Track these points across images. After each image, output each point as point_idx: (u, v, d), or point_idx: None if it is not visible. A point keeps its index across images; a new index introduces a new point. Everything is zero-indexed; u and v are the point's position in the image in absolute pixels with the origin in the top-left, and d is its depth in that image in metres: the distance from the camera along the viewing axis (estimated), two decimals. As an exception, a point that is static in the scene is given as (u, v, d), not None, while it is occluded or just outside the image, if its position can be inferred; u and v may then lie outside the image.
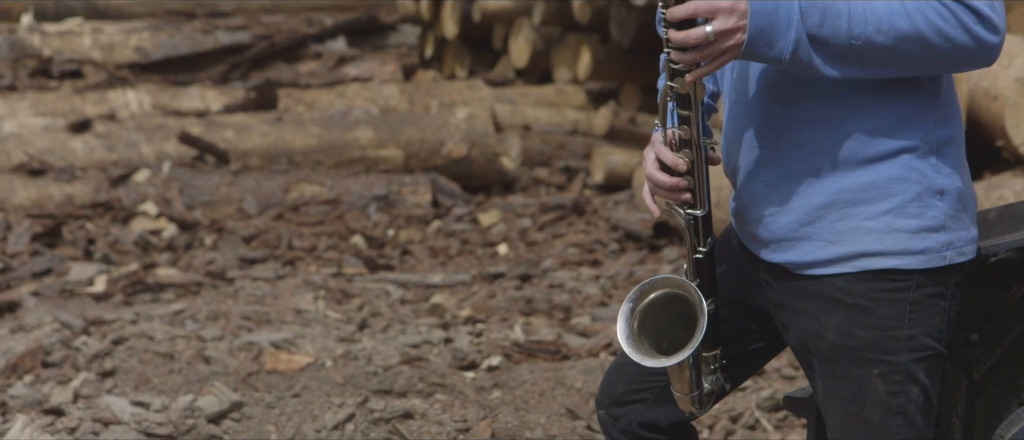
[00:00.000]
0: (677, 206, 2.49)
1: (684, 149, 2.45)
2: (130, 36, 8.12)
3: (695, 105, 2.41)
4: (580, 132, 8.59)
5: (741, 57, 2.37)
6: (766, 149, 2.48)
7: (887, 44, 2.35)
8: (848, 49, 2.35)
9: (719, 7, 2.33)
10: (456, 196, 7.50)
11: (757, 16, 2.34)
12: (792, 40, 2.34)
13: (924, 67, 2.40)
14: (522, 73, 9.55)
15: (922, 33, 2.35)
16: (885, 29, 2.34)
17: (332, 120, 7.73)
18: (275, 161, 7.51)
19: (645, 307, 2.49)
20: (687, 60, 2.37)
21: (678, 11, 2.34)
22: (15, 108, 7.57)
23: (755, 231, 2.52)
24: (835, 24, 2.34)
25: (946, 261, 2.45)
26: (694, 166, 2.45)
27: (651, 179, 2.49)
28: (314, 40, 8.42)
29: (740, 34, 2.34)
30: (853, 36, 2.34)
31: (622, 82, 8.89)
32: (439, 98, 8.21)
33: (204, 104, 7.86)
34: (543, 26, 9.18)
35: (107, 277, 6.17)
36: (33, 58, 7.91)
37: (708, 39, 2.34)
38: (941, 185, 2.45)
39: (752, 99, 2.49)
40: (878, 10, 2.35)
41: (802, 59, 2.35)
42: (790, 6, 2.34)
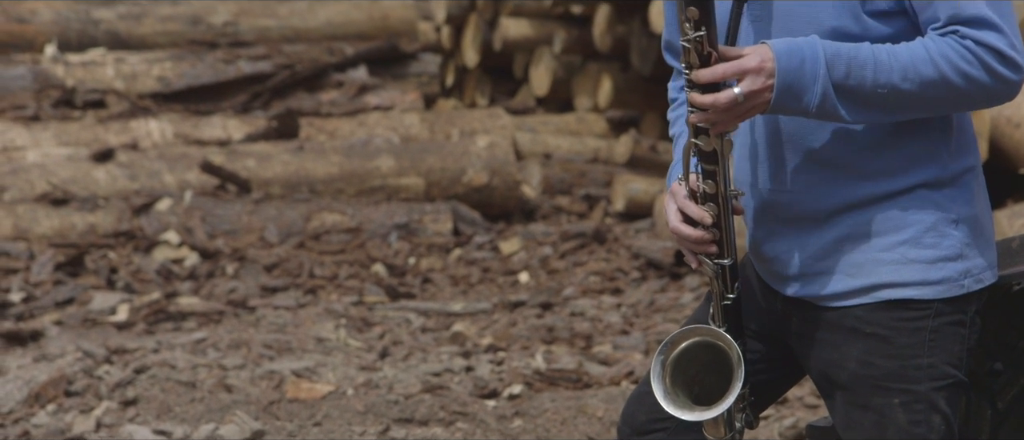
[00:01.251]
0: (704, 256, 2.48)
1: (709, 203, 2.44)
2: (152, 66, 8.15)
3: (722, 160, 2.40)
4: (601, 160, 8.59)
5: (766, 112, 2.37)
6: (778, 188, 2.48)
7: (912, 90, 2.35)
8: (873, 97, 2.35)
9: (747, 68, 2.33)
10: (477, 224, 7.51)
11: (784, 73, 2.33)
12: (819, 93, 2.34)
13: (948, 108, 2.41)
14: (543, 101, 9.56)
15: (947, 77, 2.35)
16: (911, 76, 2.34)
17: (353, 149, 7.75)
18: (296, 190, 7.52)
19: (676, 357, 2.48)
20: (713, 121, 2.35)
21: (705, 75, 2.33)
22: (39, 138, 7.61)
23: (771, 267, 2.53)
24: (861, 74, 2.34)
25: (964, 289, 2.45)
26: (720, 218, 2.45)
27: (676, 232, 2.48)
28: (335, 69, 8.44)
29: (768, 93, 2.33)
30: (879, 84, 2.34)
31: (643, 110, 8.89)
32: (460, 126, 8.22)
33: (226, 133, 7.88)
34: (564, 54, 9.19)
35: (129, 306, 6.19)
36: (57, 88, 7.94)
37: (737, 101, 2.33)
38: (956, 214, 2.45)
39: (764, 137, 2.49)
40: (902, 57, 2.35)
41: (828, 110, 2.35)
42: (816, 59, 2.33)
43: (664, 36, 2.65)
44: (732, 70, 2.32)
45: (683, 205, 2.46)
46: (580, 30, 9.05)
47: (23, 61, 8.03)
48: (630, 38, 8.58)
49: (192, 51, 8.34)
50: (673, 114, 2.68)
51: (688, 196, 2.46)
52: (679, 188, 2.48)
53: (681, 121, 2.62)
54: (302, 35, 8.62)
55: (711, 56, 2.33)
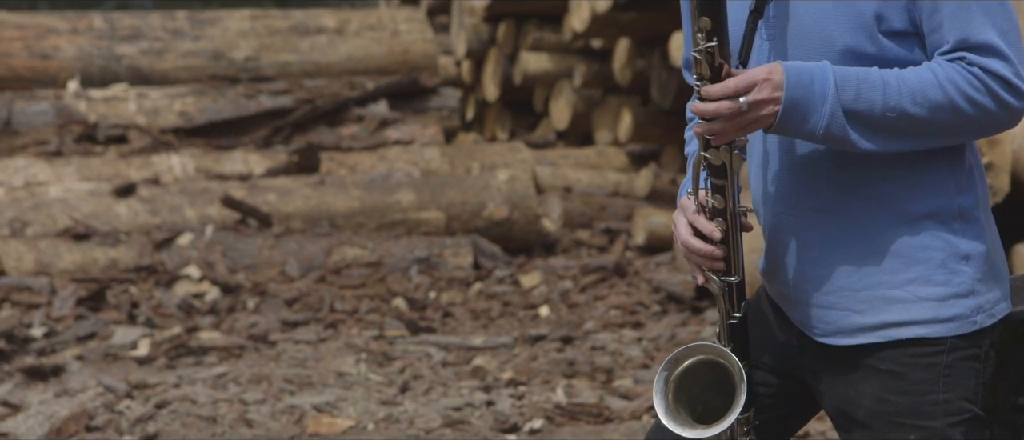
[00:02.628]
0: (711, 272, 2.48)
1: (718, 217, 2.44)
2: (174, 101, 8.19)
3: (730, 175, 2.40)
4: (621, 194, 8.59)
5: (772, 131, 2.36)
6: (788, 213, 2.48)
7: (921, 115, 2.35)
8: (883, 121, 2.35)
9: (755, 78, 2.32)
10: (497, 258, 7.51)
11: (792, 88, 2.32)
12: (826, 114, 2.33)
13: (955, 135, 2.41)
14: (563, 135, 9.57)
15: (955, 102, 2.35)
16: (920, 100, 2.34)
17: (374, 183, 7.76)
18: (317, 224, 7.54)
19: (680, 375, 2.48)
20: (717, 131, 2.35)
21: (715, 90, 2.33)
22: (61, 173, 7.64)
23: (782, 290, 2.53)
24: (871, 97, 2.34)
25: (977, 325, 2.44)
26: (728, 234, 2.44)
27: (685, 245, 2.48)
28: (356, 103, 8.46)
29: (773, 106, 2.32)
30: (888, 108, 2.34)
31: (663, 144, 8.90)
32: (480, 160, 8.24)
33: (247, 168, 7.91)
34: (584, 88, 9.21)
35: (150, 340, 6.20)
36: (79, 124, 7.98)
37: (740, 110, 2.33)
38: (966, 250, 2.44)
39: (774, 161, 2.49)
40: (911, 81, 2.35)
41: (835, 134, 2.35)
42: (825, 79, 2.33)
43: (683, 54, 2.66)
44: (743, 82, 2.32)
45: (693, 219, 2.46)
46: (600, 64, 9.07)
47: (46, 97, 8.08)
48: (650, 72, 8.59)
49: (213, 86, 8.37)
50: (689, 133, 2.68)
51: (697, 210, 2.46)
52: (689, 202, 2.47)
53: (694, 141, 2.63)
54: (323, 70, 8.66)
55: (722, 68, 2.33)
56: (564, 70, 9.33)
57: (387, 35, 8.82)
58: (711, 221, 2.44)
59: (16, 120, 7.95)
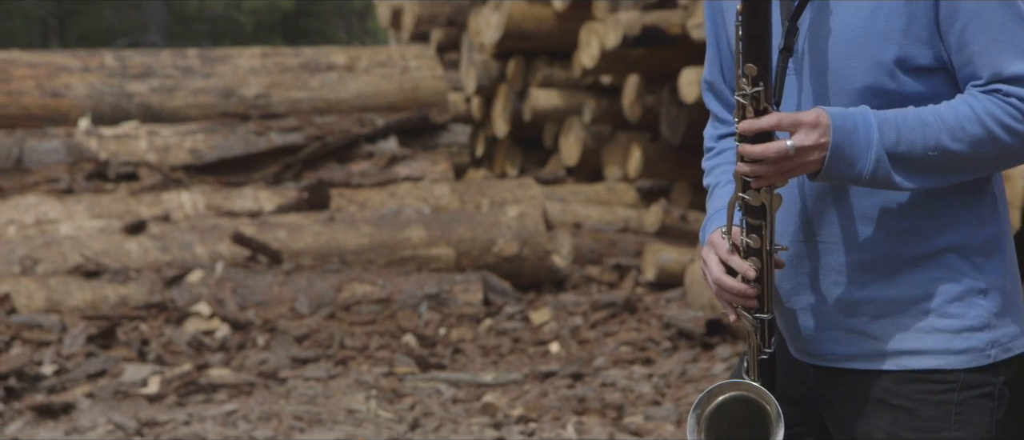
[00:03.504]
0: (743, 310, 2.47)
1: (752, 256, 2.42)
2: (185, 138, 8.21)
3: (769, 215, 2.38)
4: (631, 230, 8.60)
5: (818, 178, 2.34)
6: (808, 242, 2.48)
7: (962, 150, 2.35)
8: (924, 160, 2.34)
9: (802, 120, 2.31)
10: (507, 294, 7.51)
11: (838, 133, 2.31)
12: (872, 160, 2.33)
13: (997, 166, 2.41)
14: (573, 171, 9.58)
15: (994, 134, 2.35)
16: (959, 135, 2.34)
17: (384, 219, 7.77)
18: (327, 260, 7.55)
19: (711, 412, 2.47)
20: (761, 174, 2.34)
21: (758, 123, 2.32)
22: (72, 211, 7.66)
23: (796, 321, 2.52)
24: (911, 138, 2.34)
25: (990, 359, 2.43)
26: (762, 273, 2.44)
27: (718, 284, 2.46)
28: (366, 140, 8.48)
29: (820, 152, 2.31)
30: (929, 147, 2.34)
31: (673, 179, 8.90)
32: (490, 196, 8.24)
33: (257, 204, 7.92)
34: (593, 125, 9.22)
35: (160, 378, 6.20)
36: (90, 161, 8.00)
37: (788, 154, 2.32)
38: (984, 284, 2.44)
39: (794, 191, 2.49)
40: (948, 118, 2.35)
41: (881, 177, 2.34)
42: (868, 124, 2.33)
43: (705, 75, 2.65)
44: (787, 120, 2.31)
45: (727, 258, 2.44)
46: (610, 100, 9.08)
47: (57, 135, 8.10)
48: (659, 108, 8.60)
49: (224, 123, 8.39)
50: (709, 163, 2.66)
51: (731, 249, 2.45)
52: (721, 240, 2.46)
53: (718, 171, 2.61)
54: (333, 106, 8.68)
55: (767, 112, 2.32)
56: (574, 106, 9.35)
57: (397, 72, 8.84)
58: (746, 260, 2.43)
59: (28, 158, 7.97)
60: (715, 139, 2.66)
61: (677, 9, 7.96)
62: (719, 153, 2.63)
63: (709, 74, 2.63)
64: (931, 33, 2.38)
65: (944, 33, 2.37)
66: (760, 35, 2.32)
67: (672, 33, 7.92)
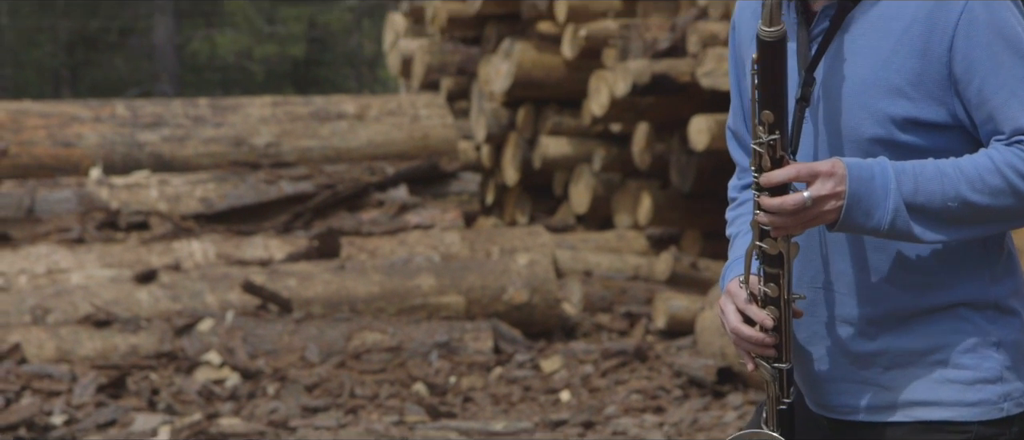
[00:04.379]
0: (761, 359, 2.47)
1: (770, 305, 2.42)
2: (196, 187, 8.23)
3: (786, 264, 2.38)
4: (641, 277, 8.59)
5: (837, 228, 2.34)
6: (821, 291, 2.48)
7: (982, 202, 2.34)
8: (944, 211, 2.34)
9: (819, 170, 2.32)
10: (518, 342, 7.50)
11: (855, 182, 2.32)
12: (891, 210, 2.32)
13: (1019, 220, 2.40)
14: (583, 219, 9.58)
15: (1015, 185, 2.35)
16: (979, 186, 2.34)
17: (394, 267, 7.78)
18: (338, 309, 7.55)
19: None
20: (778, 225, 2.34)
21: (776, 176, 2.32)
22: (83, 260, 7.67)
23: (811, 371, 2.52)
24: (929, 188, 2.33)
25: (1003, 413, 2.42)
26: (780, 322, 2.43)
27: (736, 333, 2.46)
28: (376, 188, 8.49)
29: (837, 201, 2.32)
30: (948, 197, 2.33)
31: (683, 227, 8.90)
32: (500, 244, 8.25)
33: (268, 253, 7.93)
34: (603, 172, 9.23)
35: (171, 427, 6.20)
36: (101, 210, 8.02)
37: (805, 205, 2.32)
38: (997, 337, 2.43)
39: (810, 241, 2.49)
40: (967, 169, 2.35)
41: (900, 228, 2.34)
42: (885, 174, 2.33)
43: (729, 123, 2.65)
44: (805, 171, 2.31)
45: (744, 308, 2.44)
46: (619, 148, 9.09)
47: (69, 184, 8.12)
48: (669, 156, 8.61)
49: (235, 172, 8.41)
50: (731, 213, 2.66)
51: (748, 299, 2.45)
52: (739, 289, 2.46)
53: (740, 220, 2.61)
54: (343, 155, 8.70)
55: (783, 160, 2.33)
56: (583, 154, 9.36)
57: (407, 120, 8.86)
58: (763, 309, 2.43)
59: (39, 208, 7.99)
60: (739, 189, 2.66)
61: (686, 58, 7.98)
62: (742, 204, 2.63)
63: (733, 122, 2.64)
64: (944, 89, 2.38)
65: (961, 90, 2.37)
66: (776, 83, 2.33)
67: (681, 81, 7.94)
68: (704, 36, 7.76)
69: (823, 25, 2.43)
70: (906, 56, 2.38)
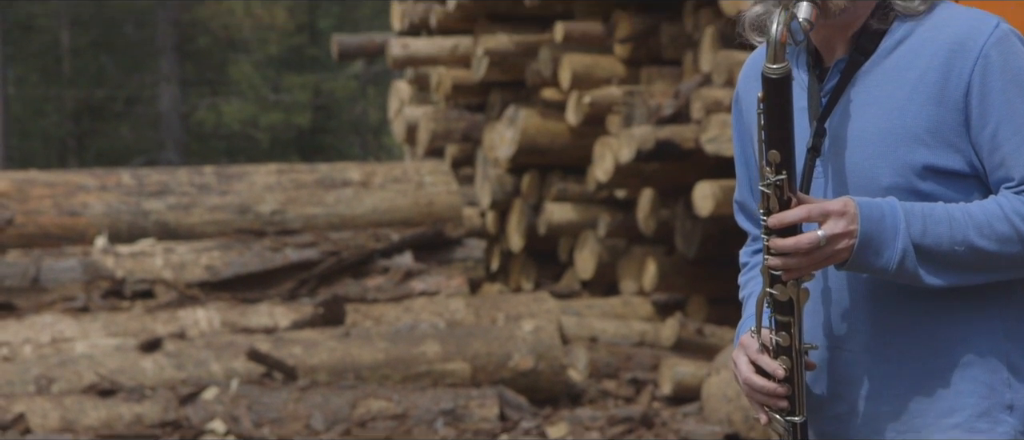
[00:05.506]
0: (774, 412, 2.45)
1: (782, 355, 2.41)
2: (201, 255, 8.23)
3: (797, 312, 2.38)
4: (647, 344, 8.57)
5: (846, 267, 2.34)
6: (837, 349, 2.47)
7: (989, 248, 2.34)
8: (951, 255, 2.34)
9: (830, 209, 2.32)
10: (523, 409, 7.47)
11: (866, 222, 2.32)
12: (899, 249, 2.33)
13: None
14: (588, 285, 9.57)
15: (1022, 232, 2.34)
16: (987, 232, 2.34)
17: (399, 334, 7.76)
18: (342, 377, 7.53)
19: None
20: (792, 267, 2.34)
21: (787, 216, 2.32)
22: (87, 329, 7.67)
23: (823, 427, 2.51)
24: (937, 231, 2.33)
25: (1017, 478, 2.42)
26: (793, 373, 2.42)
27: (748, 384, 2.45)
28: (381, 255, 8.50)
29: (849, 240, 2.32)
30: (955, 241, 2.33)
31: (688, 293, 8.89)
32: (505, 311, 8.23)
33: (272, 321, 7.93)
34: (608, 238, 9.23)
35: (175, 497, 6.17)
36: (106, 279, 8.03)
37: (819, 244, 2.31)
38: (1010, 400, 2.42)
39: (827, 297, 2.48)
40: (976, 215, 2.35)
41: (908, 269, 2.34)
42: (895, 214, 2.33)
43: (736, 196, 2.66)
44: (816, 210, 2.31)
45: (756, 358, 2.43)
46: (624, 214, 9.10)
47: (74, 253, 8.13)
48: (674, 221, 8.61)
49: (240, 240, 8.42)
50: (744, 278, 2.66)
51: (760, 349, 2.43)
52: (751, 340, 2.45)
53: (752, 283, 2.61)
54: (348, 222, 8.70)
55: (791, 201, 2.33)
56: (588, 220, 9.36)
57: (412, 187, 8.88)
58: (775, 359, 2.42)
59: (44, 277, 8.00)
60: (750, 255, 2.66)
61: (690, 124, 8.00)
62: (753, 267, 2.63)
63: (739, 195, 2.64)
64: (960, 136, 2.38)
65: (975, 135, 2.37)
66: (782, 121, 2.33)
67: (686, 147, 7.95)
68: (708, 102, 7.78)
69: (834, 79, 2.44)
70: (922, 104, 2.38)
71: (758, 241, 2.63)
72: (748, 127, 2.56)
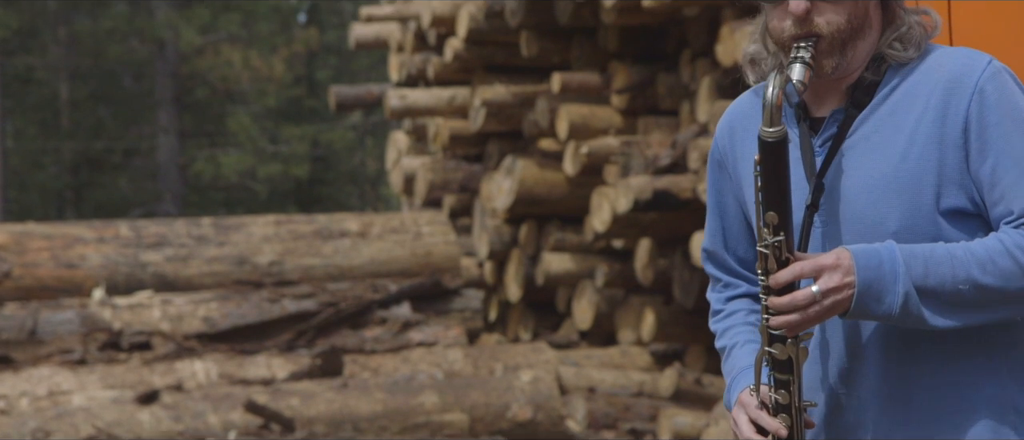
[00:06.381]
0: None
1: (782, 413, 2.42)
2: (198, 306, 8.23)
3: (797, 370, 2.38)
4: (646, 394, 8.55)
5: (849, 316, 2.34)
6: (846, 395, 2.47)
7: (993, 284, 2.34)
8: (956, 295, 2.34)
9: (823, 264, 2.33)
10: (522, 461, 7.46)
11: (863, 270, 2.32)
12: (901, 294, 2.32)
13: None
14: (586, 335, 9.56)
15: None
16: (990, 269, 2.34)
17: (397, 385, 7.75)
18: (340, 428, 7.51)
19: None
20: (791, 323, 2.34)
21: (782, 276, 2.33)
22: (84, 382, 7.65)
23: None
24: (940, 271, 2.33)
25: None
26: (793, 431, 2.42)
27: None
28: (379, 306, 8.49)
29: (847, 291, 2.32)
30: (958, 280, 2.33)
31: (687, 343, 8.88)
32: (503, 361, 8.22)
33: (270, 372, 7.91)
34: (606, 288, 9.22)
35: None
36: (104, 331, 8.02)
37: (815, 299, 2.32)
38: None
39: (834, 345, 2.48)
40: (977, 252, 2.35)
41: (912, 313, 2.33)
42: (894, 259, 2.33)
43: (705, 244, 2.66)
44: (809, 267, 2.32)
45: (756, 416, 2.43)
46: (622, 264, 9.09)
47: (71, 305, 8.12)
48: (672, 271, 8.61)
49: (238, 291, 8.42)
50: (720, 325, 2.66)
51: (760, 406, 2.43)
52: (750, 398, 2.45)
53: (732, 332, 2.61)
54: (346, 273, 8.70)
55: (789, 261, 2.33)
56: (586, 270, 9.36)
57: (410, 237, 8.88)
58: (775, 417, 2.42)
59: (41, 329, 7.99)
60: (724, 301, 2.66)
61: (687, 173, 8.01)
62: (730, 315, 2.63)
63: (710, 244, 2.64)
64: (963, 173, 2.39)
65: (974, 171, 2.38)
66: (779, 183, 2.34)
67: (683, 197, 7.96)
68: (704, 152, 7.80)
69: (831, 131, 2.45)
70: (923, 145, 2.39)
71: (727, 289, 2.63)
72: (733, 178, 2.56)
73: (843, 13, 2.41)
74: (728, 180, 2.58)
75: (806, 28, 2.40)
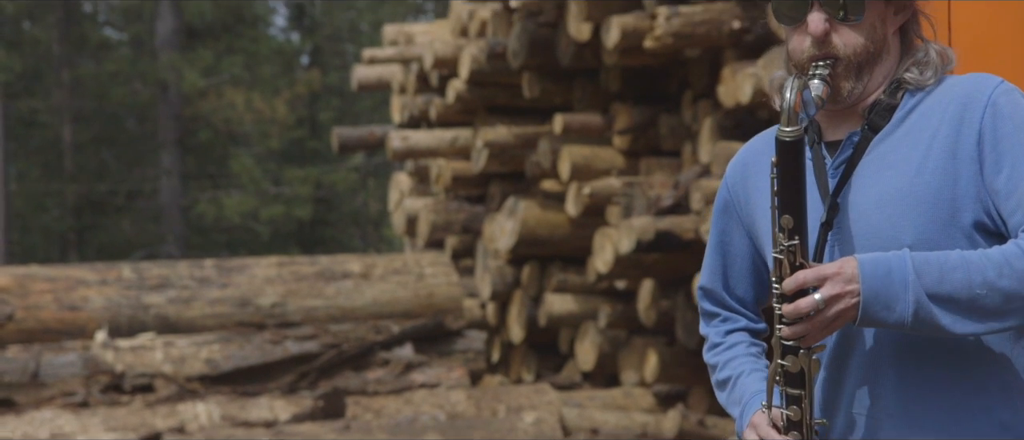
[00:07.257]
0: None
1: (793, 431, 2.41)
2: (201, 348, 8.22)
3: (808, 384, 2.38)
4: (649, 435, 8.53)
5: (860, 324, 2.34)
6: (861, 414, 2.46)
7: (1011, 288, 2.34)
8: (973, 300, 2.33)
9: (825, 273, 2.33)
10: (525, 502, 7.43)
11: (870, 279, 2.32)
12: (911, 302, 2.32)
13: None
14: (589, 376, 9.55)
15: None
16: (1006, 271, 2.34)
17: (400, 427, 7.73)
18: (343, 470, 7.49)
19: None
20: (798, 332, 2.34)
21: (788, 284, 2.34)
22: (86, 424, 7.64)
23: None
24: (954, 277, 2.33)
25: None
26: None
27: None
28: (382, 347, 8.49)
29: (850, 298, 2.32)
30: (974, 284, 2.33)
31: (690, 384, 8.86)
32: (506, 403, 8.21)
33: (273, 414, 7.90)
34: (609, 329, 9.21)
35: None
36: (106, 374, 8.01)
37: (818, 307, 2.32)
38: None
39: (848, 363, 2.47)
40: (994, 256, 2.35)
41: (925, 320, 2.33)
42: (904, 267, 2.33)
43: (702, 282, 2.67)
44: (812, 275, 2.32)
45: (766, 434, 2.43)
46: (624, 305, 9.09)
47: (74, 348, 8.12)
48: (675, 312, 8.60)
49: (240, 333, 8.41)
50: (720, 356, 2.65)
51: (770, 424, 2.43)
52: (760, 418, 2.45)
53: (735, 362, 2.61)
54: (349, 314, 8.70)
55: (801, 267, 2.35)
56: (589, 311, 9.36)
57: (412, 279, 8.88)
58: (786, 435, 2.41)
59: (44, 372, 7.98)
60: (722, 334, 2.66)
61: (690, 214, 8.02)
62: (732, 346, 2.64)
63: (708, 282, 2.65)
64: (978, 187, 2.40)
65: (990, 182, 2.39)
66: (795, 185, 2.36)
67: (685, 238, 7.97)
68: (707, 193, 7.80)
69: (846, 153, 2.47)
70: (939, 159, 2.40)
71: (724, 324, 2.63)
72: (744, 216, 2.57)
73: (862, 36, 2.44)
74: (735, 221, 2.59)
75: (824, 49, 2.43)
